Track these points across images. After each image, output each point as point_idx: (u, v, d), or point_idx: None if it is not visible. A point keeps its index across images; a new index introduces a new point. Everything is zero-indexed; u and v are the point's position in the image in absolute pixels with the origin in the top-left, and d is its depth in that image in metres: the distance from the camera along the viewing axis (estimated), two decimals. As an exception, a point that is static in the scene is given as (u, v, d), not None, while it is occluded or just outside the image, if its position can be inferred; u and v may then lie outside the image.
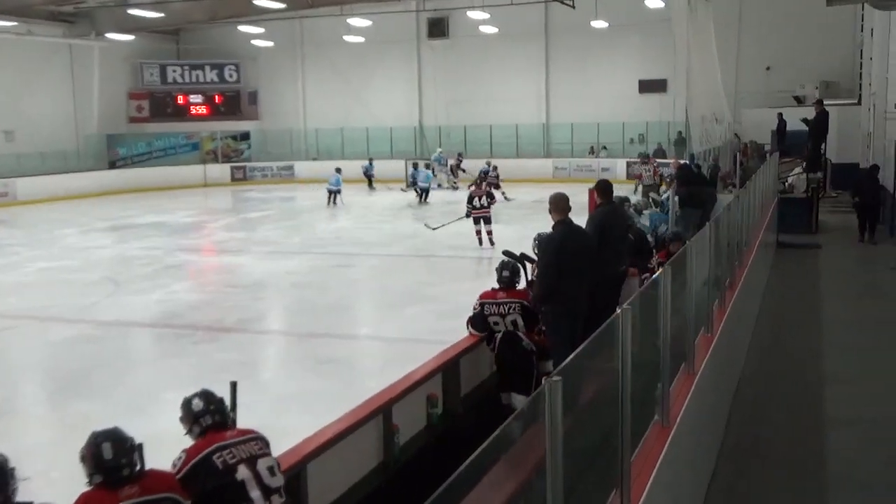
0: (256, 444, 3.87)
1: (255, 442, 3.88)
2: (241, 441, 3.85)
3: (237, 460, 3.76)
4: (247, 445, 3.84)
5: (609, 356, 3.84)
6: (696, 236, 6.25)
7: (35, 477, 6.37)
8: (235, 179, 36.58)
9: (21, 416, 8.87)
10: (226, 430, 3.92)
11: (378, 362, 10.18)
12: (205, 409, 3.95)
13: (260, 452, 3.84)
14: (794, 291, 13.64)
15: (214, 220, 23.92)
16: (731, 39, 28.00)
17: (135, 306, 13.33)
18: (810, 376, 9.14)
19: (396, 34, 35.84)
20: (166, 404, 4.03)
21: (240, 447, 3.81)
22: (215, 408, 3.97)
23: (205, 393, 4.04)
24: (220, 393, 4.09)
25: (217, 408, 3.98)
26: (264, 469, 3.78)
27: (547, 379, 2.69)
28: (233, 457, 3.76)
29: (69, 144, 34.41)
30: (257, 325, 12.45)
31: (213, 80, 39.16)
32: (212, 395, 4.03)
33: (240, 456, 3.77)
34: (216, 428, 3.91)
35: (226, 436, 3.87)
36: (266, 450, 3.89)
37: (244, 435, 3.91)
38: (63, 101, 34.56)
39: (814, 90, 26.55)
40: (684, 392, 5.27)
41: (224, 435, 3.87)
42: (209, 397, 4.01)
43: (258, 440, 3.91)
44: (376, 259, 17.49)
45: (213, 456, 3.75)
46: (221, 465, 3.73)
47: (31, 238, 21.11)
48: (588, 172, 30.13)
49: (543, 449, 2.75)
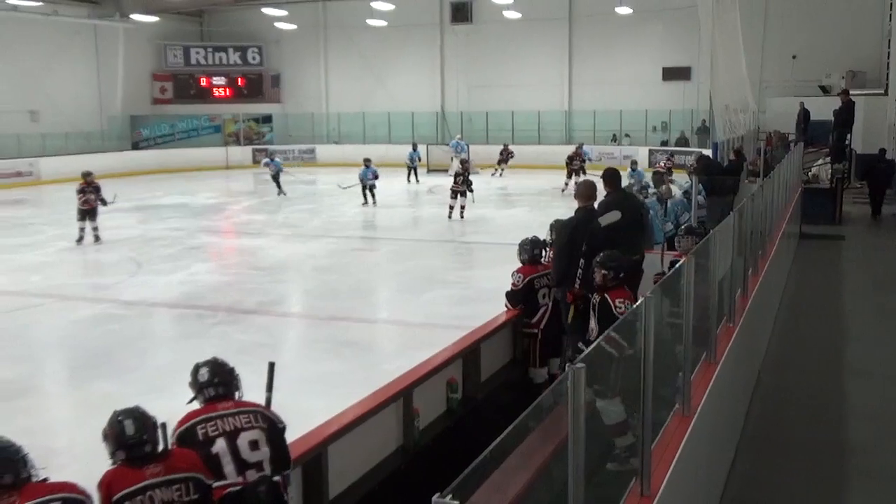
0: (246, 416, 3.85)
1: (245, 415, 3.86)
2: (230, 413, 3.84)
3: (218, 433, 3.75)
4: (235, 418, 3.82)
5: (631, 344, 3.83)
6: (719, 226, 6.20)
7: (58, 453, 6.46)
8: (257, 162, 36.64)
9: (44, 393, 8.96)
10: (222, 402, 3.91)
11: (397, 346, 10.21)
12: (209, 381, 3.96)
13: (247, 425, 3.81)
14: (817, 282, 13.54)
15: (236, 202, 24.01)
16: (756, 27, 27.66)
17: (157, 286, 13.42)
18: (831, 367, 9.08)
19: (419, 18, 35.81)
20: (186, 385, 4.04)
21: (227, 419, 3.81)
22: (220, 380, 3.97)
23: (213, 363, 4.04)
24: (243, 373, 4.11)
25: (222, 380, 3.98)
26: (245, 443, 3.77)
27: (570, 366, 2.68)
28: (215, 429, 3.76)
29: (93, 125, 34.63)
30: (278, 308, 12.50)
31: (236, 63, 39.20)
32: (220, 366, 4.04)
33: (222, 429, 3.77)
34: (216, 400, 3.92)
35: (217, 407, 3.86)
36: (257, 423, 3.85)
37: (238, 407, 3.90)
38: (87, 81, 34.75)
39: (840, 80, 26.26)
40: (705, 382, 5.25)
41: (216, 406, 3.87)
42: (216, 368, 4.01)
43: (251, 413, 3.88)
44: (396, 243, 17.49)
45: (197, 427, 3.76)
46: (202, 436, 3.74)
47: (55, 218, 21.23)
48: (610, 160, 29.97)
49: (565, 435, 2.75)
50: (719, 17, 18.34)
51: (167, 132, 37.05)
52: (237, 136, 38.21)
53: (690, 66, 31.95)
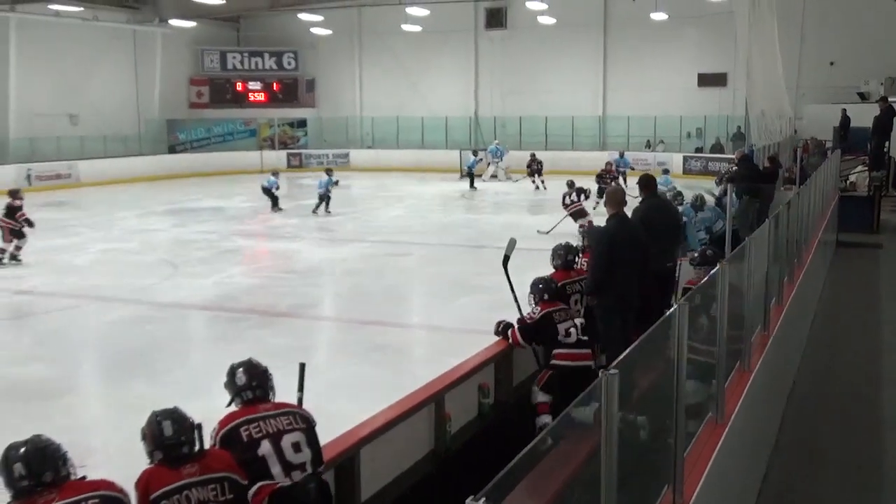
0: (287, 418, 3.89)
1: (286, 416, 3.90)
2: (271, 415, 3.88)
3: (262, 434, 3.79)
4: (276, 420, 3.86)
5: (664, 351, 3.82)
6: (755, 232, 6.17)
7: (93, 452, 6.55)
8: (291, 166, 36.85)
9: (81, 393, 9.07)
10: (261, 403, 3.96)
11: (429, 351, 10.23)
12: (247, 384, 4.01)
13: (288, 427, 3.85)
14: (853, 291, 13.37)
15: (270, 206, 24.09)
16: (793, 33, 27.44)
17: (191, 289, 13.54)
18: (867, 378, 8.97)
19: (454, 24, 35.82)
20: (221, 388, 4.09)
21: (269, 421, 3.84)
22: (257, 383, 4.02)
23: (249, 366, 4.09)
24: (275, 376, 4.14)
25: (259, 382, 4.03)
26: (288, 445, 3.80)
27: (604, 372, 2.68)
28: (259, 431, 3.80)
29: (131, 129, 35.06)
30: (311, 311, 12.56)
31: (272, 68, 39.52)
32: (256, 368, 4.08)
33: (266, 430, 3.81)
34: (256, 402, 3.97)
35: (258, 409, 3.91)
36: (297, 424, 3.89)
37: (278, 409, 3.95)
38: (126, 86, 35.23)
39: (879, 86, 25.92)
40: (739, 390, 5.22)
41: (257, 408, 3.91)
42: (252, 371, 4.06)
43: (290, 415, 3.92)
44: (429, 248, 17.51)
45: (240, 428, 3.80)
46: (247, 438, 3.78)
47: (93, 220, 21.52)
48: (644, 166, 29.81)
49: (597, 441, 2.75)
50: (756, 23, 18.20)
51: (203, 136, 37.44)
52: (272, 140, 38.50)
53: (726, 72, 31.76)
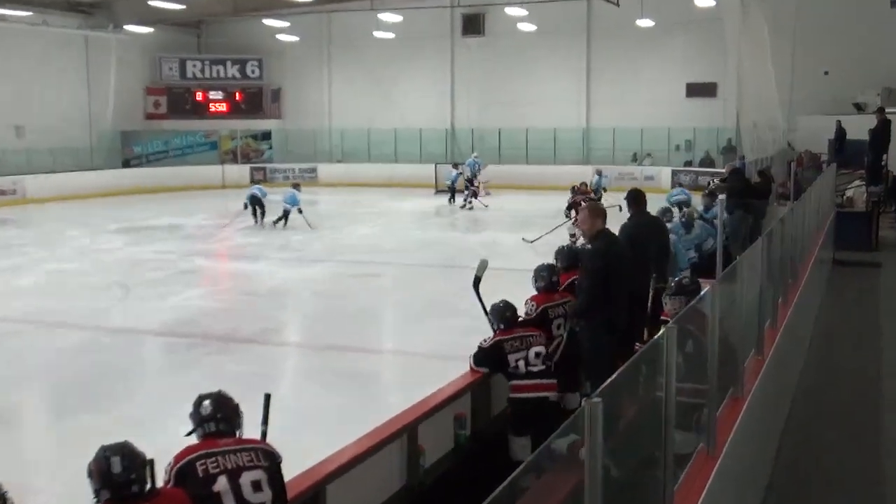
0: (248, 455, 3.82)
1: (247, 453, 3.83)
2: (231, 451, 3.81)
3: (220, 470, 3.72)
4: (237, 456, 3.80)
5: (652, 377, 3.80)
6: (747, 251, 6.18)
7: (37, 491, 6.43)
8: (255, 181, 36.71)
9: (24, 426, 8.95)
10: (223, 437, 3.90)
11: (401, 378, 10.18)
12: (211, 416, 3.95)
13: (249, 464, 3.79)
14: (852, 312, 13.47)
15: (232, 224, 24.00)
16: (786, 41, 27.65)
17: (146, 313, 13.41)
18: (867, 401, 9.02)
19: (429, 31, 35.89)
20: (176, 419, 4.03)
21: (228, 456, 3.78)
22: (223, 415, 3.96)
23: (218, 397, 4.03)
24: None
25: (225, 415, 3.97)
26: (248, 482, 3.74)
27: (587, 400, 2.65)
28: (216, 466, 3.73)
29: (82, 141, 34.74)
30: (275, 336, 12.47)
31: (235, 76, 39.43)
32: (225, 401, 4.02)
33: (224, 466, 3.74)
34: (218, 435, 3.91)
35: (218, 443, 3.84)
36: (259, 462, 3.83)
37: (240, 444, 3.89)
38: (77, 95, 34.86)
39: (875, 97, 26.20)
40: (732, 418, 5.21)
41: (217, 442, 3.85)
42: (220, 402, 4.00)
43: (253, 451, 3.86)
44: (402, 268, 17.47)
45: (196, 462, 3.73)
46: (202, 473, 3.70)
47: (40, 239, 21.32)
48: (630, 180, 29.92)
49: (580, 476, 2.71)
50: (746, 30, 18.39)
51: (160, 149, 37.22)
52: (234, 153, 38.35)
53: (716, 81, 31.98)
